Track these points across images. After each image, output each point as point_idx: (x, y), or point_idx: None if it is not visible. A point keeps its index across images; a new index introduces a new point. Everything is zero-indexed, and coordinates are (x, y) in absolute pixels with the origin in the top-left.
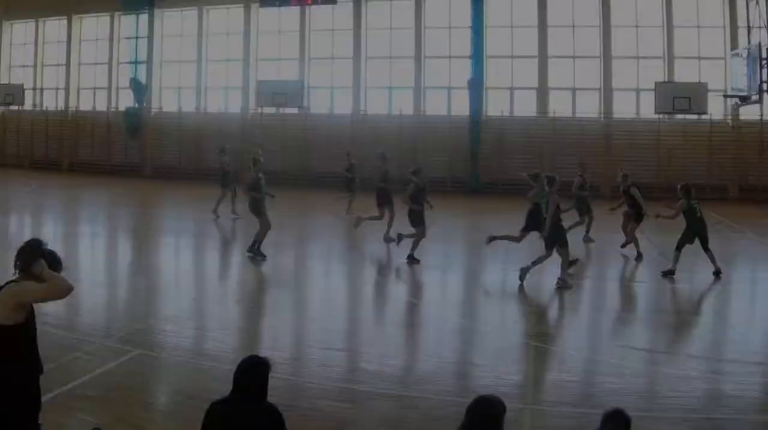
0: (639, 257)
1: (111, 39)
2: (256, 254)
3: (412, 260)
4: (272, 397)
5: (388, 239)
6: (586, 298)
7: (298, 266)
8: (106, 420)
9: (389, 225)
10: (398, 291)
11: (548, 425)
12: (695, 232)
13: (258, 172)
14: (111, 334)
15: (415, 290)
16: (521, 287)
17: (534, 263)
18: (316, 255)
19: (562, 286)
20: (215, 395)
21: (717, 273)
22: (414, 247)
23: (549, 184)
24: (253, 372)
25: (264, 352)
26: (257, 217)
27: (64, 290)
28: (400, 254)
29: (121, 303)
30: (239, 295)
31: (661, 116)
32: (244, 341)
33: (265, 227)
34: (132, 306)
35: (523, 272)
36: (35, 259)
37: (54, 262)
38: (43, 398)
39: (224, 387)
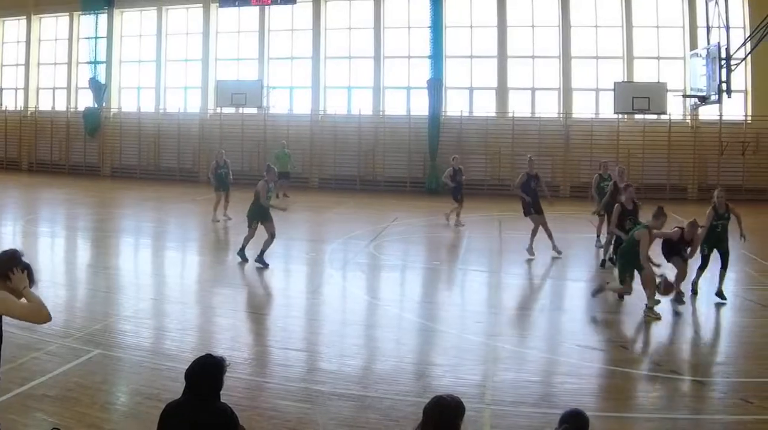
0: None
1: (70, 39)
2: (241, 256)
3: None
4: (231, 397)
5: (530, 251)
6: (546, 298)
7: (257, 266)
8: (64, 420)
9: (533, 235)
10: (358, 290)
11: (507, 425)
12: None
13: (268, 182)
14: (70, 334)
15: (375, 289)
16: (482, 286)
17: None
18: (272, 253)
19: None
20: (174, 395)
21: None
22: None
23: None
24: (202, 372)
25: (223, 352)
26: (248, 224)
27: (43, 317)
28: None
29: (80, 303)
30: (199, 294)
31: (620, 116)
32: (203, 341)
33: (250, 235)
34: (91, 306)
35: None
36: (12, 267)
37: (28, 276)
38: (2, 398)
39: (182, 387)
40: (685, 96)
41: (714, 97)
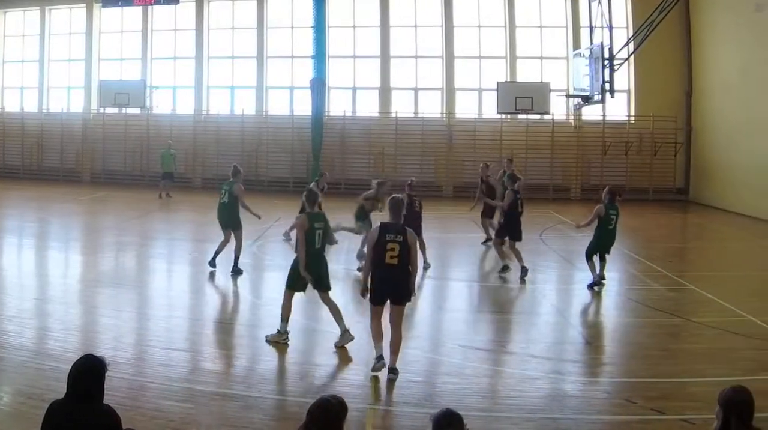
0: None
1: None
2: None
3: None
4: (114, 397)
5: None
6: (429, 297)
7: (140, 266)
8: None
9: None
10: (241, 291)
11: (390, 426)
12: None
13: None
14: None
15: (258, 289)
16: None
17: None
18: (156, 254)
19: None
20: (57, 395)
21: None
22: None
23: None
24: (83, 374)
25: (106, 352)
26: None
27: None
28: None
29: None
30: (82, 294)
31: (503, 116)
32: (86, 341)
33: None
34: None
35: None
36: None
37: None
38: None
39: (65, 387)
40: (568, 96)
41: (597, 97)
